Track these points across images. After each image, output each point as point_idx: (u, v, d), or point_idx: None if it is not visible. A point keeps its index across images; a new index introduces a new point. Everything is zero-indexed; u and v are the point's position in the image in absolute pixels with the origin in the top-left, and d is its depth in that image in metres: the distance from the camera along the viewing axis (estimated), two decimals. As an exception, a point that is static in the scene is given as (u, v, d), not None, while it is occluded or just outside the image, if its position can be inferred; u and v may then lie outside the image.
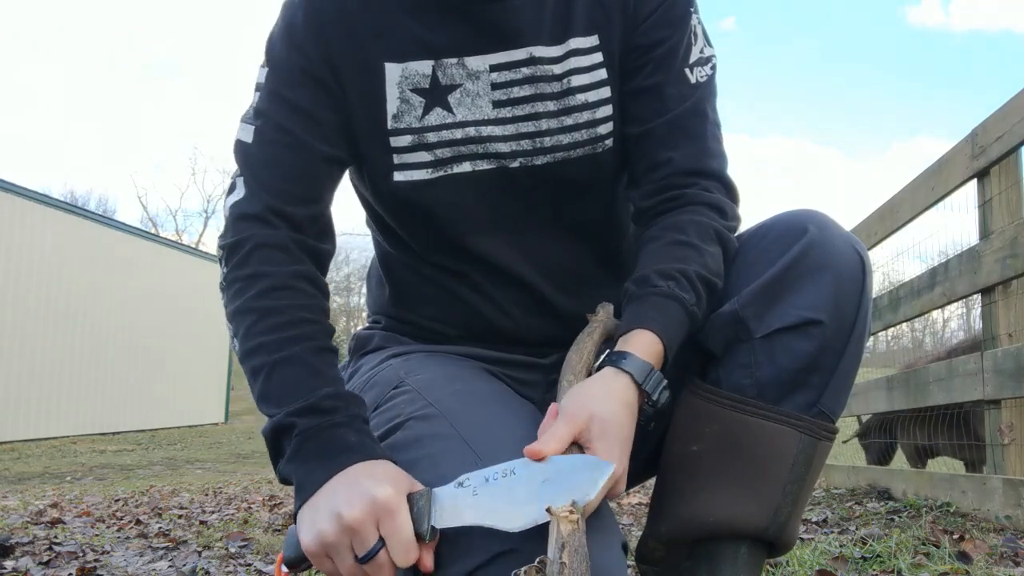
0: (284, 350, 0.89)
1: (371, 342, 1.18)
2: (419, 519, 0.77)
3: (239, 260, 0.96)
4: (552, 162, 1.04)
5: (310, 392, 0.86)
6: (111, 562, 2.26)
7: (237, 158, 1.02)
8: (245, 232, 0.96)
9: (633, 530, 2.65)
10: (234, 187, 1.00)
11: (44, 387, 12.79)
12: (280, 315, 0.92)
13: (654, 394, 0.88)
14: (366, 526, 0.76)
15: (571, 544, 0.69)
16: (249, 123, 1.01)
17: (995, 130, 2.62)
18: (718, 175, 1.05)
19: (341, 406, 0.86)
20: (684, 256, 0.97)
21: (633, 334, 0.91)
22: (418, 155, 1.02)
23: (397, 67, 1.00)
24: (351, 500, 0.76)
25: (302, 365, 0.89)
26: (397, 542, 0.76)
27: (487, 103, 1.02)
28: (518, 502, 0.75)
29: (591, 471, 0.77)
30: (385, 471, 0.81)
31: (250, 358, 0.91)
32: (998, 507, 2.46)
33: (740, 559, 0.97)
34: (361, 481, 0.78)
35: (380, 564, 0.76)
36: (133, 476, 7.79)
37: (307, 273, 0.97)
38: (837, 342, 0.94)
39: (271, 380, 0.89)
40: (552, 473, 0.76)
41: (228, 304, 0.96)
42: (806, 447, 0.95)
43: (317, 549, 0.78)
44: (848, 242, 0.96)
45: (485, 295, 1.10)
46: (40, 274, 12.71)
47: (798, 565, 1.84)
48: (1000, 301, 2.69)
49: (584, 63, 1.03)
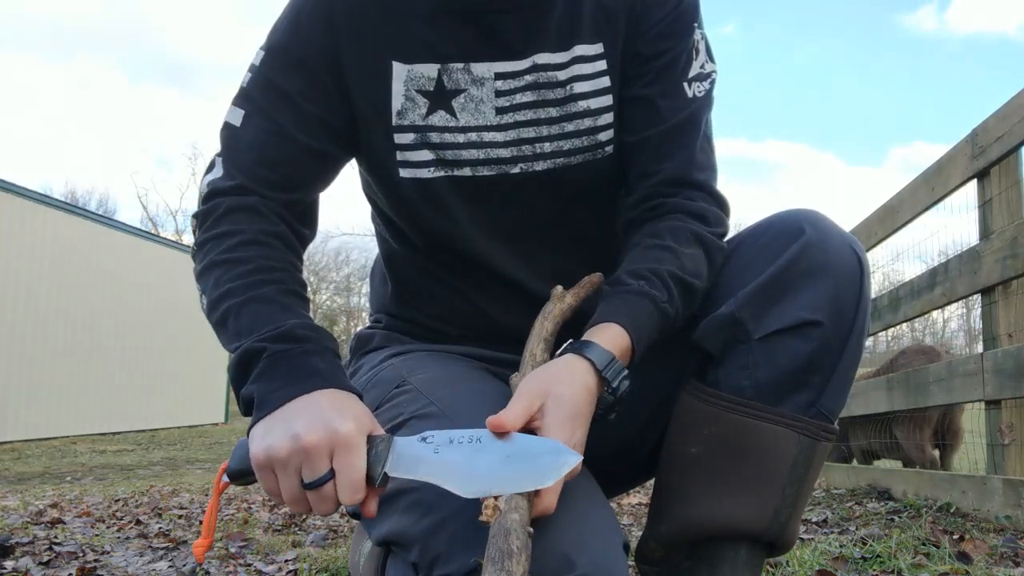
0: (253, 291, 0.88)
1: (372, 341, 1.18)
2: (375, 463, 0.76)
3: (210, 223, 0.96)
4: (552, 168, 1.04)
5: (281, 322, 0.85)
6: (111, 562, 2.26)
7: (221, 139, 1.02)
8: (217, 200, 0.97)
9: (633, 530, 2.65)
10: (213, 166, 1.01)
11: (44, 387, 12.78)
12: (249, 263, 0.91)
13: (614, 382, 0.87)
14: (320, 453, 0.74)
15: (496, 529, 0.69)
16: (237, 106, 1.01)
17: (995, 130, 2.62)
18: (704, 186, 1.05)
19: (313, 336, 0.85)
20: (658, 257, 0.97)
21: (599, 327, 0.91)
22: (420, 153, 1.03)
23: (404, 67, 1.01)
24: (311, 424, 0.75)
25: (272, 302, 0.88)
26: (347, 479, 0.75)
27: (490, 109, 1.02)
28: (476, 471, 0.74)
29: (555, 457, 0.75)
30: (351, 406, 0.79)
31: (217, 305, 0.89)
32: (998, 507, 2.46)
33: (740, 560, 0.97)
34: (325, 410, 0.77)
35: (324, 495, 0.75)
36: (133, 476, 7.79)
37: (279, 232, 0.96)
38: (836, 343, 0.94)
39: (240, 318, 0.87)
40: (517, 451, 0.75)
41: (198, 265, 0.95)
42: (805, 448, 0.95)
43: (265, 462, 0.76)
44: (846, 242, 0.96)
45: (487, 294, 1.10)
46: (40, 274, 12.70)
47: (798, 565, 1.84)
48: (1000, 301, 2.69)
49: (588, 70, 1.03)
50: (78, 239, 13.68)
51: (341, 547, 2.37)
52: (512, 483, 0.73)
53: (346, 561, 2.08)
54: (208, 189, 0.99)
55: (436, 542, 0.80)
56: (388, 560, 0.96)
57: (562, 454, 0.76)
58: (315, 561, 2.14)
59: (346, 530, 2.67)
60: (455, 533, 0.78)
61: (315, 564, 2.10)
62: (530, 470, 0.74)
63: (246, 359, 0.84)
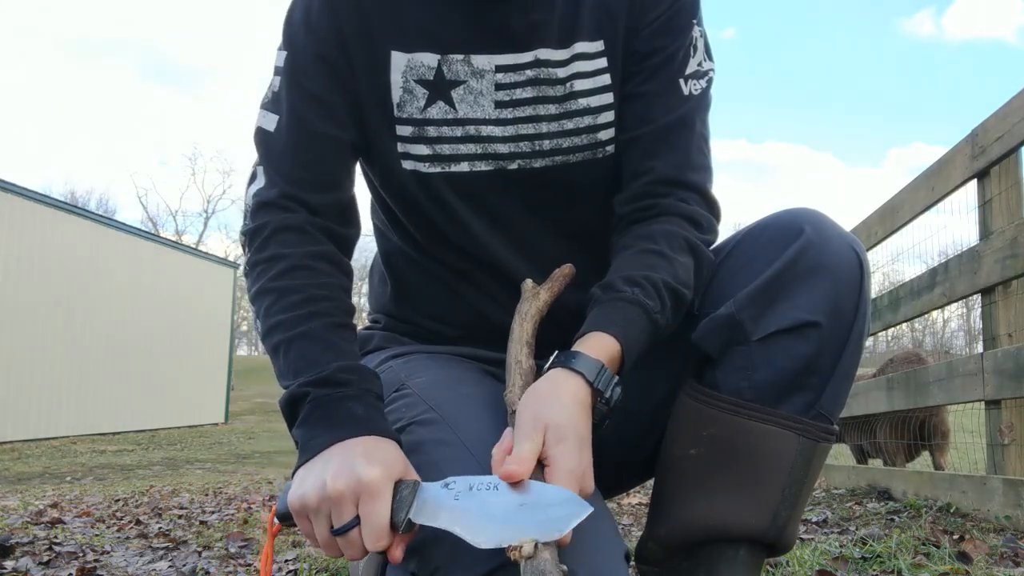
0: (300, 326, 0.91)
1: (371, 342, 1.18)
2: (399, 508, 0.77)
3: (259, 244, 0.98)
4: (551, 165, 1.04)
5: (325, 365, 0.87)
6: (111, 562, 2.26)
7: (257, 147, 1.03)
8: (265, 218, 0.98)
9: (633, 530, 2.65)
10: (255, 176, 1.02)
11: (44, 387, 12.79)
12: (297, 293, 0.93)
13: (606, 392, 0.87)
14: (345, 501, 0.76)
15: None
16: (269, 111, 1.03)
17: (995, 130, 2.62)
18: (698, 188, 1.04)
19: (354, 379, 0.87)
20: (652, 264, 0.96)
21: (589, 336, 0.91)
22: (418, 147, 1.03)
23: (403, 56, 1.01)
24: (338, 473, 0.77)
25: (317, 340, 0.90)
26: (370, 525, 0.76)
27: (489, 102, 1.02)
28: (491, 519, 0.75)
29: (568, 508, 0.75)
30: (383, 452, 0.81)
31: (270, 336, 0.93)
32: (998, 507, 2.46)
33: (739, 561, 0.97)
34: (354, 457, 0.78)
35: (351, 541, 0.77)
36: (133, 476, 7.79)
37: (325, 253, 0.98)
38: (835, 343, 0.94)
39: (288, 355, 0.90)
40: (531, 500, 0.76)
41: (250, 287, 0.98)
42: (805, 449, 0.94)
43: (299, 509, 0.80)
44: (845, 242, 0.96)
45: (486, 293, 1.10)
46: (40, 274, 12.70)
47: (798, 565, 1.84)
48: (1000, 301, 2.69)
49: (588, 68, 1.03)
50: (78, 239, 13.68)
51: (341, 547, 2.36)
52: (526, 533, 0.73)
53: (346, 562, 2.08)
54: (254, 202, 1.00)
55: (436, 554, 0.81)
56: (387, 567, 0.96)
57: (575, 505, 0.76)
58: (315, 561, 2.14)
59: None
60: (455, 545, 0.78)
61: (315, 564, 2.10)
62: (543, 521, 0.74)
63: (292, 403, 0.87)
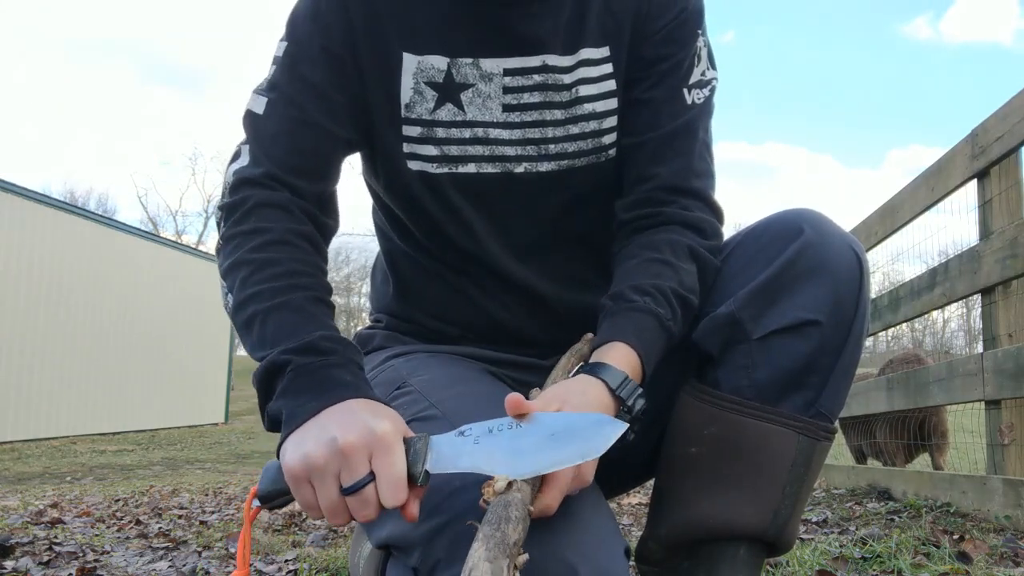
0: (280, 297, 0.87)
1: (372, 341, 1.18)
2: (414, 461, 0.73)
3: (238, 218, 0.94)
4: (557, 170, 1.05)
5: (307, 334, 0.83)
6: (111, 562, 2.26)
7: (245, 128, 1.01)
8: (246, 192, 0.95)
9: (633, 530, 2.65)
10: (238, 155, 1.00)
11: (44, 387, 12.78)
12: (277, 266, 0.89)
13: (629, 400, 0.87)
14: (359, 455, 0.72)
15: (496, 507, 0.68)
16: (262, 94, 1.01)
17: (995, 130, 2.62)
18: (701, 194, 1.05)
19: (338, 348, 0.84)
20: (659, 272, 0.97)
21: (609, 347, 0.91)
22: (426, 148, 1.03)
23: (414, 58, 1.01)
24: (347, 426, 0.73)
25: (298, 311, 0.86)
26: (388, 479, 0.72)
27: (497, 106, 1.02)
28: (522, 452, 0.72)
29: (600, 427, 0.74)
30: (383, 409, 0.78)
31: (244, 307, 0.88)
32: (998, 507, 2.46)
33: (739, 560, 0.97)
34: (359, 413, 0.75)
35: (365, 499, 0.72)
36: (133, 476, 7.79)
37: (307, 233, 0.95)
38: (835, 342, 0.94)
39: (266, 325, 0.85)
40: (561, 428, 0.74)
41: (224, 260, 0.93)
42: (805, 448, 0.95)
43: (302, 471, 0.73)
44: (845, 242, 0.96)
45: (489, 293, 1.10)
46: (40, 274, 12.70)
47: (798, 565, 1.84)
48: (1000, 301, 2.69)
49: (593, 74, 1.04)
50: (78, 239, 13.68)
51: (341, 547, 2.37)
52: (562, 458, 0.72)
53: (346, 561, 2.08)
54: (235, 179, 0.97)
55: (437, 547, 0.80)
56: (388, 563, 0.96)
57: (606, 424, 0.74)
58: (315, 561, 2.14)
59: (346, 530, 2.67)
60: (456, 538, 0.77)
61: (315, 564, 2.10)
62: (578, 443, 0.72)
63: (271, 372, 0.82)
